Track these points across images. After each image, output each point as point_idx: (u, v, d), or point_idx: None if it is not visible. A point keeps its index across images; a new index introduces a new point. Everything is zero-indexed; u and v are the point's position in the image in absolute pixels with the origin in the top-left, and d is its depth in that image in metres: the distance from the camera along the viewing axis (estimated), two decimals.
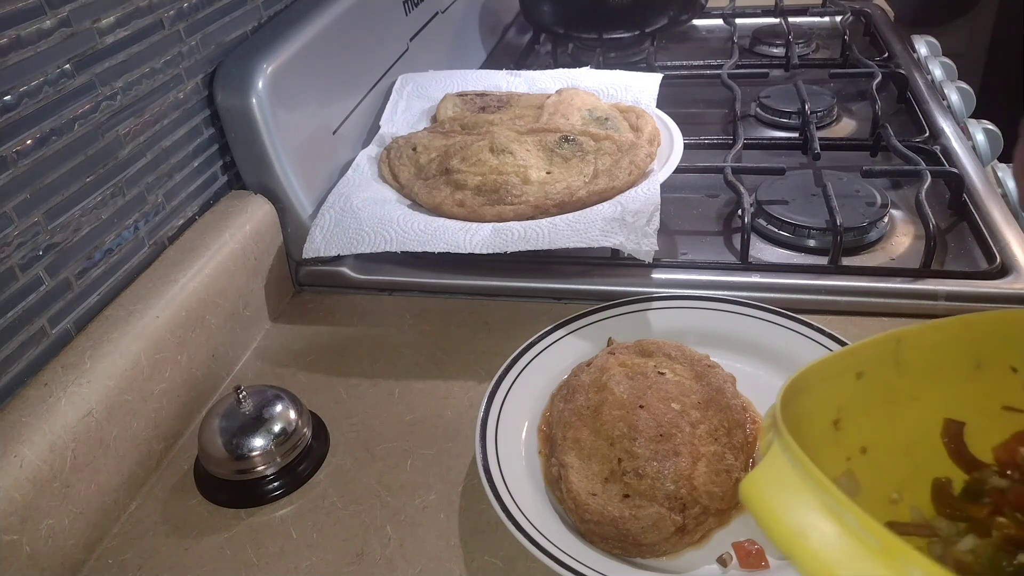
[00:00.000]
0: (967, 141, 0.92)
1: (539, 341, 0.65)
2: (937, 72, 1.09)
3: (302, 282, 0.80)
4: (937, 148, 0.88)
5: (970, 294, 0.68)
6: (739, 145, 0.89)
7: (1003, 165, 0.90)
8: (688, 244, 0.81)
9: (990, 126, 0.97)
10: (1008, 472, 0.44)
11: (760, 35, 1.23)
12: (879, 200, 0.79)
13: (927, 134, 0.93)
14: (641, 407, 0.55)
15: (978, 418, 0.46)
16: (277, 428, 0.59)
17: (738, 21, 1.25)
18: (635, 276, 0.74)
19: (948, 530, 0.43)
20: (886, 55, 1.13)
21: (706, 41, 1.30)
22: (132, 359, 0.59)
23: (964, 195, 0.80)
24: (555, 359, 0.64)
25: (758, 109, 1.03)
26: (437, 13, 1.11)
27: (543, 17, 1.22)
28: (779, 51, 1.18)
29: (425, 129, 0.90)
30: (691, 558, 0.51)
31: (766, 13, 1.28)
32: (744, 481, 0.37)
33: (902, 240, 0.78)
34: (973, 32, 1.71)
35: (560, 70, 1.01)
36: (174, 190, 0.71)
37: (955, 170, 0.82)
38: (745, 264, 0.74)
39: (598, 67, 1.06)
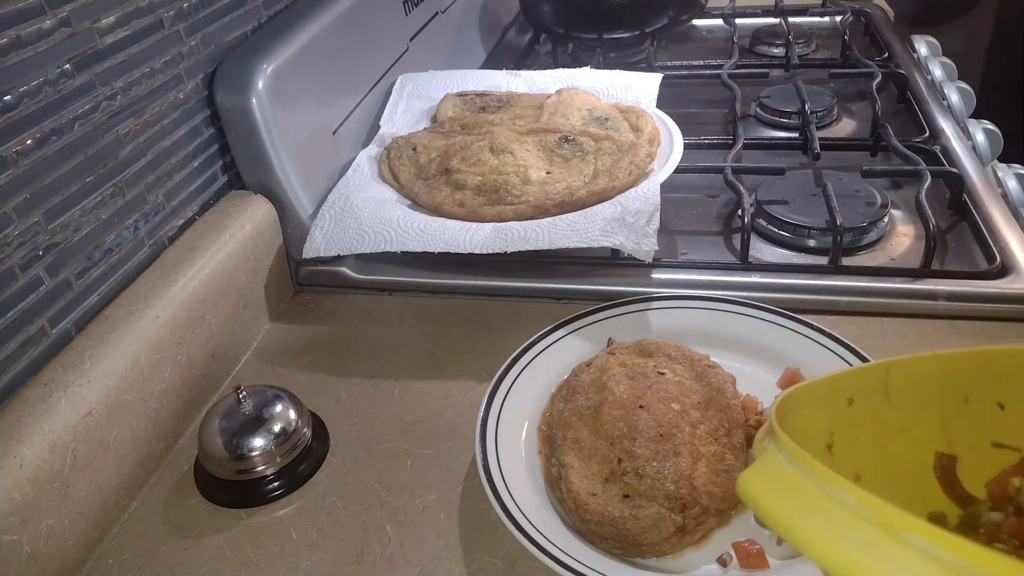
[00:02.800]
0: (967, 141, 0.92)
1: (539, 341, 0.65)
2: (937, 72, 1.09)
3: (302, 282, 0.80)
4: (937, 148, 0.88)
5: (970, 294, 0.68)
6: (739, 145, 0.89)
7: (1003, 165, 0.90)
8: (688, 244, 0.81)
9: (990, 126, 0.97)
10: (1002, 506, 0.44)
11: (760, 35, 1.23)
12: (879, 200, 0.79)
13: (927, 134, 0.93)
14: (641, 407, 0.55)
15: (969, 452, 0.46)
16: (277, 428, 0.59)
17: (738, 21, 1.25)
18: (635, 276, 0.74)
19: None
20: (886, 55, 1.13)
21: (706, 41, 1.30)
22: (132, 359, 0.59)
23: (964, 195, 0.80)
24: (555, 359, 0.64)
25: (758, 109, 1.03)
26: (437, 13, 1.11)
27: (543, 17, 1.22)
28: (779, 51, 1.18)
29: (425, 129, 0.90)
30: (691, 558, 0.51)
31: (766, 13, 1.28)
32: (741, 477, 0.37)
33: (902, 240, 0.78)
34: (973, 32, 1.71)
35: (560, 70, 1.01)
36: (174, 190, 0.71)
37: (955, 170, 0.82)
38: (745, 264, 0.74)
39: (598, 67, 1.06)
